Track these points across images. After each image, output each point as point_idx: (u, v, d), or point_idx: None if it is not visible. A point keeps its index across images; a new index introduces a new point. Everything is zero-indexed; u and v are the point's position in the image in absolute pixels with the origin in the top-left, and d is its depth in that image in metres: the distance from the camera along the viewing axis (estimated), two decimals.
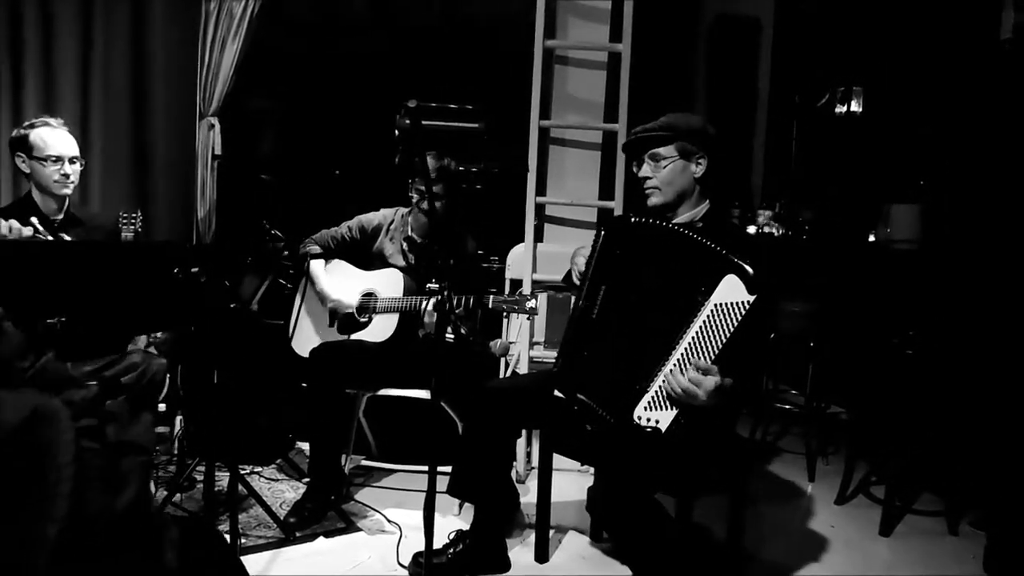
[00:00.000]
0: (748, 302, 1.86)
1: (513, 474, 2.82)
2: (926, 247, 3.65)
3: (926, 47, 4.06)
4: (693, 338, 1.92)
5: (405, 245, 2.97)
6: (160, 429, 3.04)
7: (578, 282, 2.23)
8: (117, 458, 2.34)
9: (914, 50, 4.15)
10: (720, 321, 1.90)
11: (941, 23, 3.97)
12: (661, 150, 2.21)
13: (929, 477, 3.11)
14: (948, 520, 2.89)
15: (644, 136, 2.25)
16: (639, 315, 2.05)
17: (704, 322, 1.91)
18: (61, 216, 2.64)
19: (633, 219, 2.18)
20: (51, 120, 2.64)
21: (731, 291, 1.88)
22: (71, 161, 2.62)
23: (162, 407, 2.91)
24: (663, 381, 1.95)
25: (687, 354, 1.93)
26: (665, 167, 2.21)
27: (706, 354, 1.91)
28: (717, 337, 1.90)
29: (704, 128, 2.22)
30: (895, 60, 4.32)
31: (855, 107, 4.51)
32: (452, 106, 3.73)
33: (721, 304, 1.89)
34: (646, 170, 2.24)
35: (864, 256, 3.98)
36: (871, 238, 3.97)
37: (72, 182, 2.62)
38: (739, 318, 1.87)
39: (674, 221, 2.22)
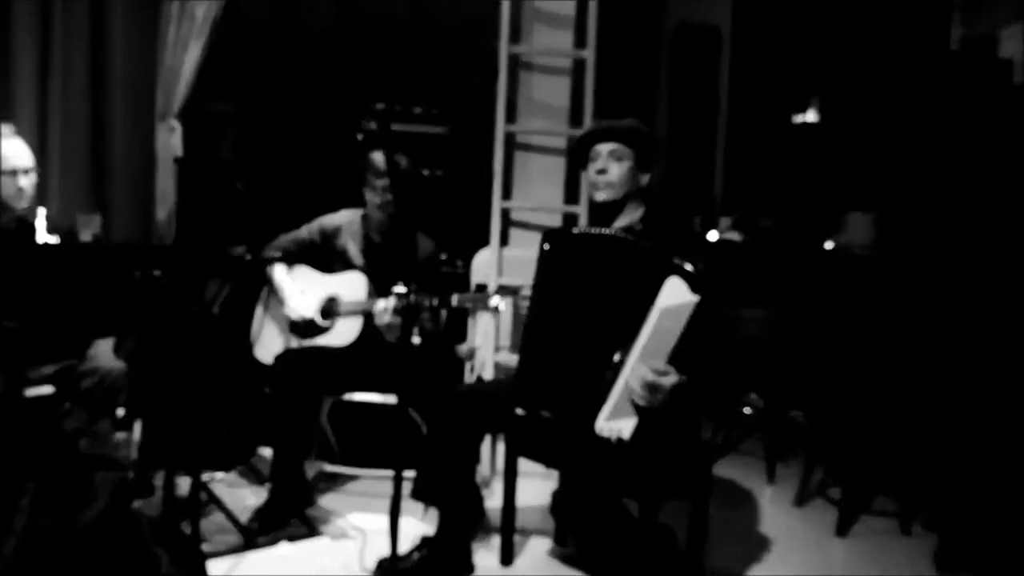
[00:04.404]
0: (693, 303, 1.90)
1: (477, 478, 2.85)
2: (881, 253, 3.75)
3: (880, 58, 4.19)
4: (645, 344, 1.95)
5: (364, 245, 2.97)
6: (119, 435, 3.00)
7: (527, 302, 2.25)
8: (87, 472, 2.32)
9: (868, 61, 4.28)
10: (668, 325, 1.93)
11: (894, 35, 4.11)
12: (626, 149, 2.25)
13: (883, 479, 3.19)
14: (901, 521, 2.96)
15: (616, 128, 2.26)
16: (590, 325, 2.07)
17: (653, 328, 1.94)
18: (13, 225, 2.60)
19: (575, 231, 2.22)
20: (2, 128, 2.56)
21: (675, 294, 1.92)
22: (25, 173, 2.56)
23: (120, 412, 2.87)
24: (621, 390, 1.98)
25: (640, 359, 1.96)
26: (625, 167, 2.25)
27: (659, 356, 1.94)
28: (667, 339, 1.94)
29: (660, 146, 2.29)
30: (850, 70, 4.44)
31: (812, 116, 4.61)
32: (416, 110, 3.75)
33: (667, 308, 1.92)
34: (603, 163, 2.26)
35: (822, 263, 4.08)
36: (828, 245, 4.07)
37: (28, 195, 2.57)
38: (686, 319, 1.91)
39: (615, 226, 2.26)
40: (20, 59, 3.15)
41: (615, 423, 2.00)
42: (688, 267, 1.92)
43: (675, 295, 1.92)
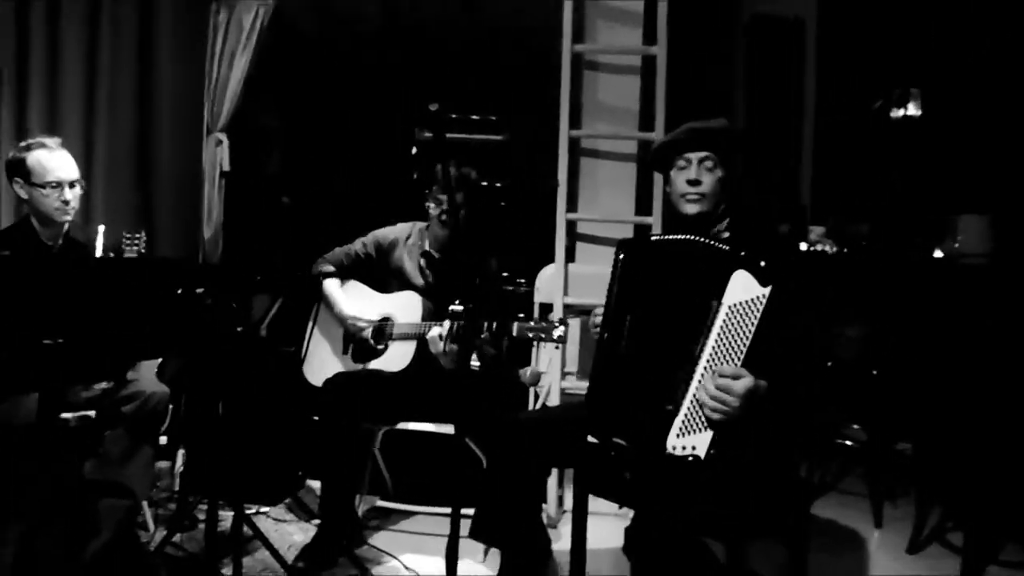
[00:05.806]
0: (764, 296, 1.81)
1: (543, 517, 2.73)
2: (1000, 261, 3.54)
3: (991, 40, 3.97)
4: (713, 347, 1.87)
5: (423, 261, 2.93)
6: (161, 464, 3.01)
7: (597, 329, 2.17)
8: (93, 500, 2.27)
9: (977, 44, 4.06)
10: (739, 323, 1.84)
11: (1006, 13, 3.88)
12: (718, 155, 2.16)
13: (1014, 523, 2.96)
14: None
15: (711, 131, 2.16)
16: (666, 339, 1.98)
17: (722, 328, 1.85)
18: (61, 242, 2.63)
19: (652, 238, 2.13)
20: (48, 141, 2.60)
21: (743, 288, 1.84)
22: (71, 186, 2.59)
23: (163, 440, 2.88)
24: (691, 400, 1.88)
25: (711, 365, 1.87)
26: (717, 176, 2.17)
27: (731, 360, 1.84)
28: (739, 340, 1.84)
29: (741, 149, 2.22)
30: (956, 56, 4.22)
31: (913, 110, 4.44)
32: (474, 117, 3.70)
33: (736, 304, 1.84)
34: (696, 173, 2.16)
35: (930, 273, 3.88)
36: (937, 253, 3.88)
37: (73, 208, 2.60)
38: (758, 315, 1.81)
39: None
40: (67, 72, 3.25)
41: (687, 439, 1.89)
42: (755, 258, 1.84)
43: (744, 290, 1.85)
